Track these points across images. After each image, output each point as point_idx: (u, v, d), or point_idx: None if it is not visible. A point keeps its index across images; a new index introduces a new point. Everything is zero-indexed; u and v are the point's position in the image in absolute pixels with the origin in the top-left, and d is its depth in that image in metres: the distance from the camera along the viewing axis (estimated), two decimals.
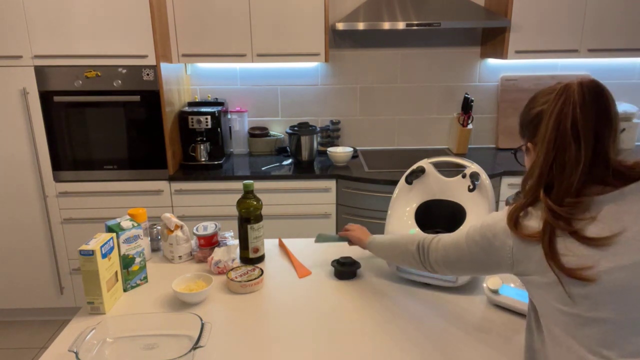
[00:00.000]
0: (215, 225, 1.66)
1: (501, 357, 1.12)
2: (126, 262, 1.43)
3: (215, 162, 2.82)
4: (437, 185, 1.54)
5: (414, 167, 1.56)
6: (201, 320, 1.15)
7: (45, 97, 2.59)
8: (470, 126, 3.08)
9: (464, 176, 1.50)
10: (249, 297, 1.41)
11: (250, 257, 1.61)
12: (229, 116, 3.15)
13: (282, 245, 1.76)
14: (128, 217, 1.50)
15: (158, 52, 2.56)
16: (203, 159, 2.85)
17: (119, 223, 1.44)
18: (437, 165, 1.56)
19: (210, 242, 1.64)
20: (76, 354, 1.03)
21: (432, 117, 3.27)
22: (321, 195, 2.74)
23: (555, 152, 0.90)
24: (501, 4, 2.84)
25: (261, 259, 1.64)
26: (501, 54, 2.86)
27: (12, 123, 2.62)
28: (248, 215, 1.56)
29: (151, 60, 2.56)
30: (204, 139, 2.85)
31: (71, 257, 2.84)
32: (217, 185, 2.72)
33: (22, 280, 2.87)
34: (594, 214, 0.87)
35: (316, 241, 1.64)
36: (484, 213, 1.44)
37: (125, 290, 1.45)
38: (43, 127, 2.63)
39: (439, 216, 1.52)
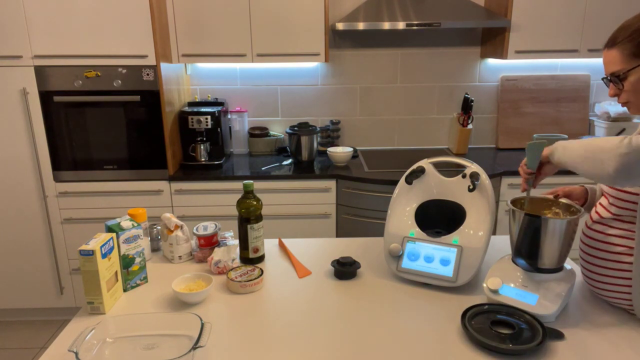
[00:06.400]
0: (215, 225, 1.66)
1: (502, 357, 1.12)
2: (126, 262, 1.43)
3: (215, 162, 2.82)
4: (437, 185, 1.54)
5: (414, 167, 1.56)
6: (201, 320, 1.15)
7: (45, 97, 2.59)
8: (470, 126, 3.08)
9: (464, 176, 1.50)
10: (249, 297, 1.41)
11: (250, 257, 1.61)
12: (229, 116, 3.15)
13: (282, 245, 1.76)
14: (128, 217, 1.50)
15: (158, 52, 2.56)
16: (203, 159, 2.85)
17: (119, 223, 1.44)
18: (437, 165, 1.56)
19: (210, 242, 1.64)
20: (76, 354, 1.03)
21: (432, 117, 3.27)
22: (321, 195, 2.74)
23: None
24: (501, 4, 2.85)
25: (261, 259, 1.64)
26: (501, 54, 2.86)
27: (12, 123, 2.62)
28: (248, 215, 1.56)
29: (151, 60, 2.56)
30: (204, 139, 2.85)
31: (71, 257, 2.84)
32: (217, 185, 2.72)
33: (22, 280, 2.87)
34: None
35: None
36: (483, 213, 1.44)
37: (125, 290, 1.45)
38: (43, 127, 2.63)
39: (439, 216, 1.52)
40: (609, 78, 1.20)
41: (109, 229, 1.41)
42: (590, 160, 1.10)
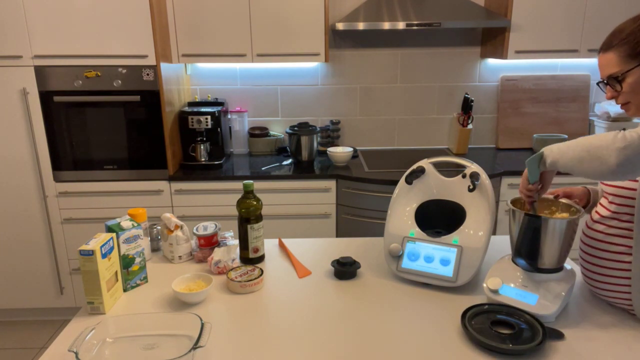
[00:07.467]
0: (215, 225, 1.66)
1: (502, 357, 1.12)
2: (126, 262, 1.43)
3: (215, 162, 2.82)
4: (437, 185, 1.54)
5: (414, 167, 1.56)
6: (201, 320, 1.15)
7: (45, 97, 2.59)
8: (470, 126, 3.08)
9: (464, 176, 1.50)
10: (249, 297, 1.41)
11: (250, 257, 1.61)
12: (229, 116, 3.15)
13: (282, 245, 1.76)
14: (128, 217, 1.50)
15: (158, 52, 2.56)
16: (203, 159, 2.85)
17: (119, 223, 1.44)
18: (437, 165, 1.56)
19: (210, 242, 1.64)
20: (76, 354, 1.03)
21: (432, 117, 3.27)
22: (321, 195, 2.74)
23: None
24: (501, 4, 2.85)
25: (261, 259, 1.64)
26: (501, 54, 2.86)
27: (12, 123, 2.62)
28: (248, 215, 1.56)
29: (151, 60, 2.56)
30: (204, 139, 2.85)
31: (71, 257, 2.84)
32: (217, 185, 2.72)
33: (22, 280, 2.87)
34: None
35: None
36: (484, 213, 1.44)
37: (125, 290, 1.45)
38: (43, 127, 2.63)
39: (439, 216, 1.52)
40: (605, 81, 1.21)
41: (109, 229, 1.41)
42: (588, 159, 1.10)
